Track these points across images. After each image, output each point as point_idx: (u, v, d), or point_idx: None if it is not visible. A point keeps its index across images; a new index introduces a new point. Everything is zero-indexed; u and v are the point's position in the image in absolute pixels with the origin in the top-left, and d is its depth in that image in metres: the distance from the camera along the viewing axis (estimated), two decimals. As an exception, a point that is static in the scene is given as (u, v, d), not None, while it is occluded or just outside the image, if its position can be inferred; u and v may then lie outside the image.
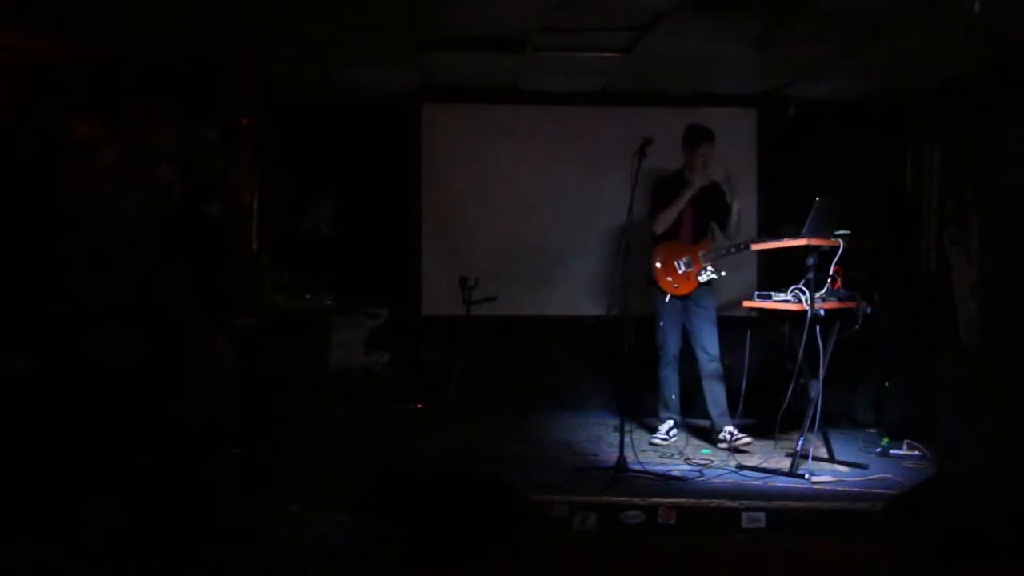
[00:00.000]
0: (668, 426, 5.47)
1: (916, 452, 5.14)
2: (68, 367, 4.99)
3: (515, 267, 6.54)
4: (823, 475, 4.61)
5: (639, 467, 4.67)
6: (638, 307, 5.28)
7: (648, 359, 5.48)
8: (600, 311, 6.55)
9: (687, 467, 4.83)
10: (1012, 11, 4.33)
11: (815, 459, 4.74)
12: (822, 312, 4.60)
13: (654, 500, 4.13)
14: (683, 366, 5.56)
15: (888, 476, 4.65)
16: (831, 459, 4.93)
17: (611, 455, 4.80)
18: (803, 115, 6.62)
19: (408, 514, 3.78)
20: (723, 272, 5.37)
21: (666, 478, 4.54)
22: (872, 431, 5.84)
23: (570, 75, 6.11)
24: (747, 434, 5.21)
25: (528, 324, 6.61)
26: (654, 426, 5.59)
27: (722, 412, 5.31)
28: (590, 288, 6.65)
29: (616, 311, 5.18)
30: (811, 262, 4.64)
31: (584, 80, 6.27)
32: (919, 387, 5.45)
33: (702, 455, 5.13)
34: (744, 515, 4.08)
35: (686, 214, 5.40)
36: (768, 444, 5.01)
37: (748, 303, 4.99)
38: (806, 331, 4.55)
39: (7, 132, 5.71)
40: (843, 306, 4.68)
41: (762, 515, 4.08)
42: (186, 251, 4.10)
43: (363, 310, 5.78)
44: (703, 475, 4.65)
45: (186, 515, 3.82)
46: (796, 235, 4.65)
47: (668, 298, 5.38)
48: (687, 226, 5.43)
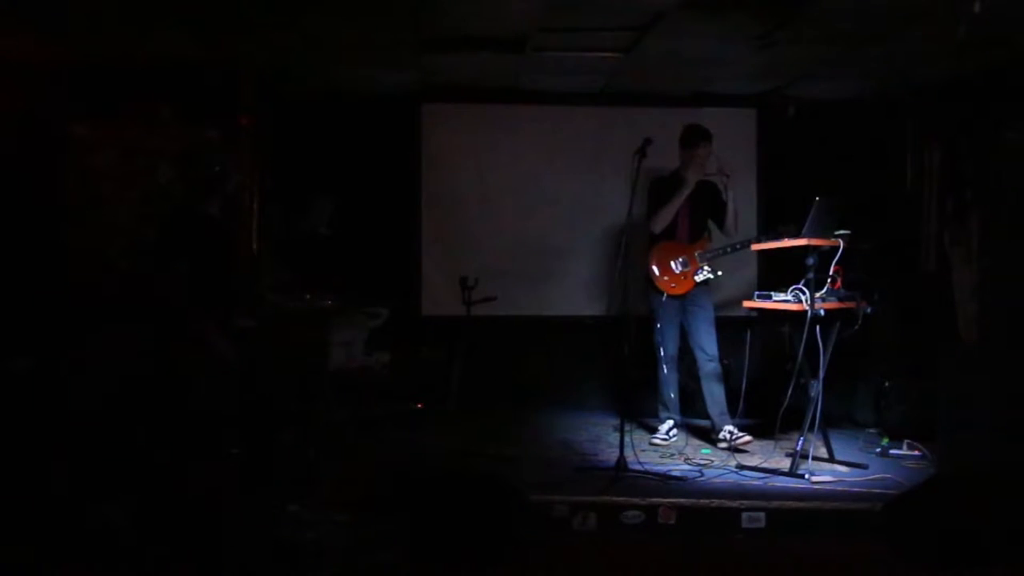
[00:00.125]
0: (668, 426, 5.47)
1: (916, 452, 5.13)
2: (68, 366, 5.00)
3: (515, 267, 6.54)
4: (823, 475, 4.60)
5: (639, 467, 4.66)
6: (638, 307, 5.28)
7: (648, 359, 5.47)
8: (600, 311, 6.56)
9: (687, 467, 4.83)
10: (1012, 11, 4.34)
11: (815, 459, 4.74)
12: (822, 312, 4.59)
13: (654, 500, 4.13)
14: (682, 366, 5.56)
15: (888, 476, 4.64)
16: (831, 459, 4.92)
17: (611, 455, 4.80)
18: (803, 115, 6.61)
19: (408, 514, 3.78)
20: (720, 272, 5.35)
21: (666, 478, 4.54)
22: (872, 431, 5.82)
23: (570, 75, 6.11)
24: (747, 433, 5.20)
25: (528, 324, 6.60)
26: (654, 426, 5.58)
27: (722, 412, 5.31)
28: (590, 288, 6.65)
29: (616, 311, 5.18)
30: (811, 262, 4.63)
31: (584, 80, 6.27)
32: (919, 387, 5.46)
33: (702, 455, 5.12)
34: (744, 515, 4.08)
35: (682, 213, 5.39)
36: (768, 444, 5.01)
37: (748, 303, 4.98)
38: (806, 331, 4.54)
39: (7, 132, 5.71)
40: (843, 306, 4.67)
41: (762, 515, 4.08)
42: (186, 251, 4.09)
43: (363, 310, 5.78)
44: (703, 475, 4.65)
45: (186, 515, 3.82)
46: (796, 235, 4.64)
47: (665, 298, 5.37)
48: (683, 226, 5.42)
